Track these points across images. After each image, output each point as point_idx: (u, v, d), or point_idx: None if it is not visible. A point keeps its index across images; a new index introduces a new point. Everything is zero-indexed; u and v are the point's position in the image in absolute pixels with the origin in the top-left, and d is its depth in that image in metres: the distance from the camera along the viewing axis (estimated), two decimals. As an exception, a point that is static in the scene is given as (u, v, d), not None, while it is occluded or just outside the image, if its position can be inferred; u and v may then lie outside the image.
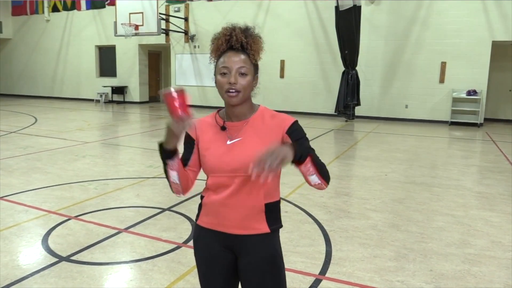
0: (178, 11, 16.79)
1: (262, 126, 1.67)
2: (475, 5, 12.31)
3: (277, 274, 1.71)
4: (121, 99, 18.62)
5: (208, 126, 1.73)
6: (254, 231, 1.68)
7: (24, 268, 3.22)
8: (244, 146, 1.64)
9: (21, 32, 21.24)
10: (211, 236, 1.73)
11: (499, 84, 13.69)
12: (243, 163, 1.59)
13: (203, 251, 1.78)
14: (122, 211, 4.56)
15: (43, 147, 7.98)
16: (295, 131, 1.65)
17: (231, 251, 1.73)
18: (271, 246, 1.70)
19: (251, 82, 1.64)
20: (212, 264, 1.75)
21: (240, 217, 1.66)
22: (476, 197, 5.36)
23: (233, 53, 1.62)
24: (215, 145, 1.67)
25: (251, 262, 1.69)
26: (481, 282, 3.14)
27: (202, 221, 1.76)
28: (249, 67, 1.62)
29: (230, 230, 1.69)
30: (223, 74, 1.63)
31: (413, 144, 9.35)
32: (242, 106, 1.67)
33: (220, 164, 1.65)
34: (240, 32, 1.63)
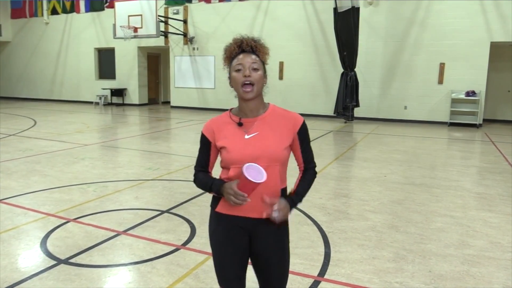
0: (177, 13, 16.81)
1: (275, 122, 1.90)
2: (474, 6, 12.33)
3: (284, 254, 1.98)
4: (120, 101, 18.62)
5: (223, 124, 1.93)
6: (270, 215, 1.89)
7: (22, 271, 3.21)
8: (262, 139, 1.86)
9: (20, 35, 21.26)
10: (230, 222, 1.92)
11: (497, 85, 13.70)
12: (262, 154, 1.83)
13: (221, 235, 1.95)
14: (121, 213, 4.55)
15: (42, 150, 7.98)
16: (303, 132, 1.94)
17: (246, 234, 1.93)
18: (282, 229, 1.96)
19: (262, 77, 1.87)
20: (228, 245, 1.94)
21: (259, 203, 1.84)
22: (475, 198, 5.36)
23: (245, 54, 1.86)
24: (234, 140, 1.87)
25: (263, 241, 1.93)
26: (480, 283, 3.14)
27: (222, 209, 1.93)
28: (260, 64, 1.87)
29: (249, 214, 1.89)
30: (238, 71, 1.84)
31: (412, 145, 9.35)
32: (255, 101, 1.88)
33: (241, 156, 1.83)
34: (249, 39, 1.89)
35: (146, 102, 18.95)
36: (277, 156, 1.85)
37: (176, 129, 11.72)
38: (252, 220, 1.89)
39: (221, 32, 15.97)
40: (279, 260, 1.97)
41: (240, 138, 1.86)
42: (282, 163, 1.88)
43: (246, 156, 1.81)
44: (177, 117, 14.56)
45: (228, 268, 1.96)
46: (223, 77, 11.56)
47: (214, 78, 16.49)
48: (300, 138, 1.92)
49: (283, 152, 1.87)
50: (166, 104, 19.28)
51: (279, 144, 1.86)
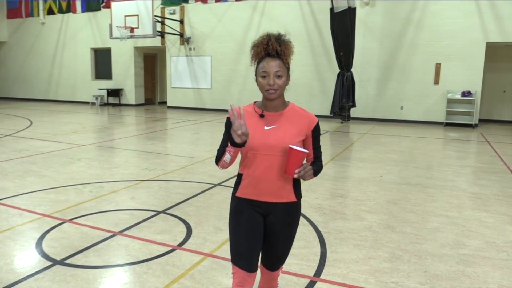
0: (173, 13, 16.79)
1: (293, 118, 2.11)
2: (469, 7, 12.38)
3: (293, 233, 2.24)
4: (116, 101, 18.59)
5: (247, 113, 2.12)
6: (285, 199, 2.14)
7: (18, 272, 3.20)
8: (279, 132, 2.07)
9: (16, 35, 21.18)
10: (248, 204, 2.15)
11: (493, 85, 13.77)
12: (277, 144, 2.05)
13: (237, 215, 2.17)
14: (116, 214, 4.54)
15: (38, 150, 7.95)
16: (317, 131, 2.16)
17: (261, 215, 2.16)
18: (294, 212, 2.20)
19: (286, 82, 2.08)
20: (242, 225, 2.14)
21: (275, 188, 2.11)
22: (470, 198, 5.38)
23: (270, 59, 2.02)
24: (254, 128, 2.07)
25: (277, 221, 2.16)
26: (476, 282, 3.15)
27: (241, 193, 2.17)
28: (283, 70, 2.04)
29: (265, 199, 2.12)
30: (263, 77, 2.03)
31: (408, 145, 9.38)
32: (277, 101, 2.10)
33: (259, 144, 2.06)
34: (275, 41, 2.01)
35: (143, 103, 18.92)
36: None
37: (173, 130, 11.70)
38: (268, 204, 2.13)
39: (218, 33, 15.96)
40: (286, 236, 2.21)
41: (261, 128, 2.08)
42: None
43: (264, 145, 2.06)
44: (174, 117, 14.54)
45: (241, 244, 2.13)
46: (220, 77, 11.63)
47: (210, 78, 16.48)
48: (313, 136, 2.14)
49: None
50: (162, 105, 19.26)
51: (294, 138, 2.06)
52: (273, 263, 2.32)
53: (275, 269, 2.34)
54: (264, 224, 2.18)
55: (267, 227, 2.19)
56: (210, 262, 3.39)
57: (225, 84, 16.12)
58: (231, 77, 15.95)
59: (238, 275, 2.12)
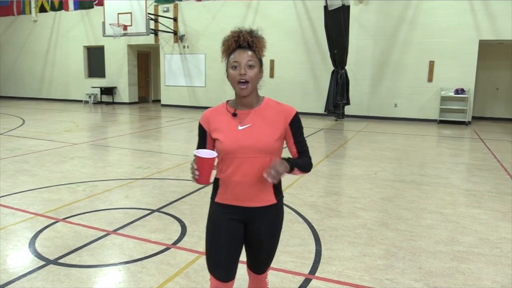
0: (167, 11, 16.71)
1: (268, 114, 1.97)
2: (463, 5, 12.44)
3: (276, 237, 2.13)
4: (110, 100, 18.49)
5: (219, 114, 2.01)
6: (265, 203, 2.02)
7: (10, 272, 3.17)
8: (255, 131, 1.93)
9: (8, 33, 20.98)
10: (227, 211, 2.02)
11: (486, 82, 13.85)
12: (254, 145, 1.91)
13: (216, 222, 2.05)
14: (110, 212, 4.52)
15: (30, 149, 7.89)
16: (295, 123, 1.99)
17: (241, 221, 2.03)
18: (275, 214, 2.08)
19: (258, 74, 1.94)
20: (220, 233, 2.02)
21: (253, 192, 1.97)
22: (464, 195, 5.41)
23: (241, 50, 1.92)
24: (228, 130, 1.95)
25: (259, 227, 2.04)
26: (470, 279, 3.17)
27: (220, 199, 2.04)
28: (256, 61, 1.92)
29: (244, 204, 1.99)
30: (234, 68, 1.91)
31: (402, 142, 9.41)
32: (250, 96, 1.96)
33: (234, 147, 1.92)
34: (246, 33, 1.93)
35: (136, 101, 18.83)
36: (268, 147, 1.93)
37: (167, 128, 11.66)
38: (247, 209, 2.00)
39: (212, 30, 15.91)
40: (269, 242, 2.09)
41: (234, 129, 1.94)
42: (273, 154, 1.96)
43: (238, 147, 1.91)
44: (168, 115, 14.48)
45: (219, 253, 2.02)
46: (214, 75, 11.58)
47: (204, 76, 16.44)
48: (292, 129, 1.99)
49: (275, 143, 1.95)
50: (156, 103, 19.19)
51: (271, 136, 1.93)
52: (259, 267, 2.20)
53: (262, 272, 2.22)
54: (246, 230, 2.06)
55: (249, 234, 2.07)
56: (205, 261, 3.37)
57: (219, 82, 16.06)
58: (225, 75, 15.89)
59: (215, 285, 2.05)
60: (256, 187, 1.96)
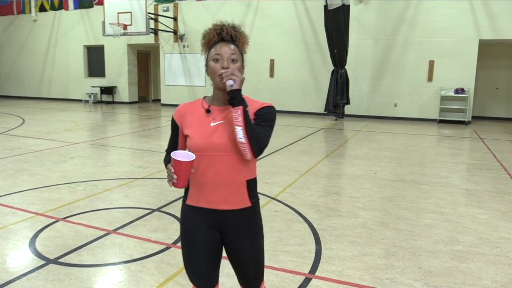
0: (167, 10, 16.71)
1: None
2: (463, 4, 12.44)
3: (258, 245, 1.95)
4: (110, 99, 18.49)
5: (193, 110, 1.90)
6: (238, 205, 1.86)
7: (11, 271, 3.17)
8: (226, 128, 1.79)
9: (7, 32, 20.97)
10: (198, 215, 1.89)
11: (486, 82, 13.85)
12: (226, 143, 1.78)
13: (190, 230, 1.92)
14: (110, 212, 4.52)
15: (30, 149, 7.88)
16: (264, 111, 1.83)
17: (216, 229, 1.90)
18: (252, 219, 1.91)
19: (240, 68, 1.83)
20: (197, 243, 1.90)
21: (225, 194, 1.83)
22: (464, 194, 5.41)
23: (224, 43, 1.81)
24: (200, 126, 1.84)
25: (235, 235, 1.88)
26: (469, 278, 3.17)
27: (190, 200, 1.92)
28: (239, 55, 1.82)
29: (216, 206, 1.85)
30: (216, 61, 1.80)
31: (402, 142, 9.41)
32: None
33: (204, 144, 1.80)
34: (229, 27, 1.84)
35: (136, 100, 18.83)
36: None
37: (167, 127, 11.66)
38: (220, 213, 1.85)
39: (212, 30, 15.89)
40: (252, 252, 1.92)
41: (206, 126, 1.83)
42: None
43: (208, 144, 1.79)
44: (168, 115, 14.48)
45: (198, 264, 1.92)
46: (214, 74, 11.25)
47: (204, 76, 16.43)
48: (257, 117, 1.82)
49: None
50: (156, 102, 19.18)
51: None
52: (250, 282, 1.99)
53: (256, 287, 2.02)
54: (223, 241, 1.93)
55: (228, 245, 1.92)
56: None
57: None
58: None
59: None
60: (228, 188, 1.83)
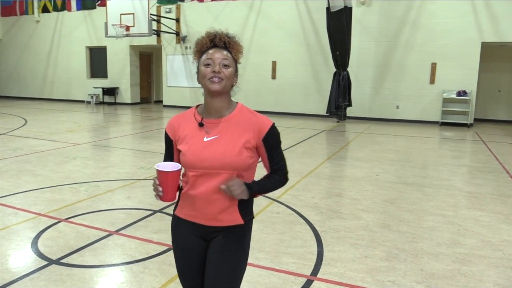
0: (169, 12, 16.74)
1: (239, 124, 1.74)
2: (465, 7, 12.43)
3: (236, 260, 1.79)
4: (112, 100, 18.51)
5: (186, 122, 1.81)
6: (228, 223, 1.78)
7: (13, 272, 3.18)
8: (221, 144, 1.71)
9: (10, 33, 21.04)
10: (188, 227, 1.83)
11: (488, 84, 13.84)
12: (219, 160, 1.69)
13: (180, 241, 1.87)
14: (113, 213, 4.53)
15: (33, 149, 7.90)
16: (271, 137, 1.75)
17: (204, 240, 1.83)
18: (240, 235, 1.80)
19: (233, 75, 1.74)
20: (188, 255, 1.85)
21: (216, 211, 1.75)
22: (466, 197, 5.40)
23: (216, 49, 1.73)
24: (192, 141, 1.75)
25: (217, 244, 1.78)
26: (471, 281, 3.17)
27: (180, 212, 1.86)
28: (231, 61, 1.74)
29: (205, 222, 1.79)
30: (207, 65, 1.71)
31: (404, 144, 9.41)
32: (221, 100, 1.74)
33: (197, 161, 1.72)
34: (223, 34, 1.77)
35: (138, 101, 18.86)
36: (234, 163, 1.70)
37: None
38: (208, 229, 1.79)
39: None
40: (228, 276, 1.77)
41: (199, 140, 1.73)
42: (241, 170, 1.73)
43: (201, 160, 1.70)
44: (170, 116, 14.49)
45: (193, 277, 1.87)
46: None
47: (206, 77, 16.44)
48: (266, 145, 1.75)
49: (243, 160, 1.71)
50: (158, 103, 19.21)
51: (239, 151, 1.70)
52: None
53: None
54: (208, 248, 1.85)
55: (208, 253, 1.82)
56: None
57: None
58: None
59: None
60: (219, 206, 1.74)
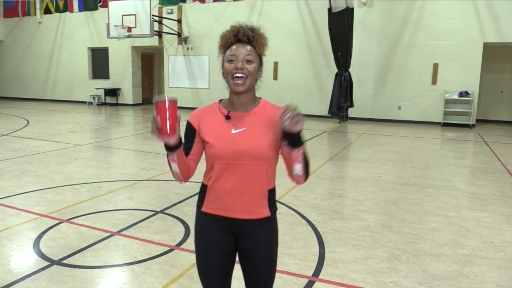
0: (171, 13, 16.76)
1: (264, 118, 1.79)
2: (467, 7, 12.41)
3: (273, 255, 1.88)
4: (114, 101, 18.53)
5: (211, 115, 1.84)
6: (257, 215, 1.81)
7: (15, 272, 3.18)
8: (249, 136, 1.75)
9: (13, 34, 21.09)
10: (215, 223, 1.84)
11: (490, 85, 13.80)
12: (249, 151, 1.74)
13: (205, 237, 1.86)
14: (114, 214, 4.53)
15: (35, 150, 7.92)
16: None
17: (232, 234, 1.85)
18: (270, 229, 1.86)
19: (257, 70, 1.77)
20: (212, 250, 1.85)
21: (245, 203, 1.79)
22: (468, 198, 5.39)
23: (240, 44, 1.76)
24: (220, 133, 1.78)
25: (251, 243, 1.83)
26: (473, 282, 3.16)
27: (207, 208, 1.85)
28: (255, 56, 1.76)
29: (234, 215, 1.80)
30: (230, 61, 1.75)
31: (406, 145, 9.39)
32: (246, 95, 1.79)
33: (226, 152, 1.75)
34: (247, 28, 1.77)
35: (140, 102, 18.87)
36: (264, 154, 1.75)
37: (170, 129, 11.66)
38: (238, 221, 1.81)
39: (216, 32, 15.90)
40: (266, 259, 1.86)
41: (226, 132, 1.77)
42: (269, 162, 1.79)
43: (231, 152, 1.74)
44: (171, 117, 14.49)
45: (213, 272, 1.88)
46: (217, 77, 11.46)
47: (208, 78, 16.46)
48: None
49: (271, 151, 1.76)
50: (160, 104, 19.19)
51: (268, 142, 1.75)
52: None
53: None
54: (238, 247, 1.87)
55: (241, 250, 1.87)
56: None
57: (222, 84, 15.41)
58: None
59: None
60: (248, 197, 1.78)
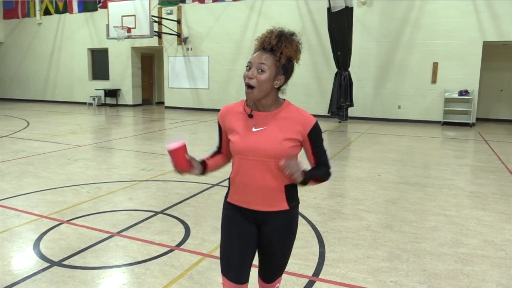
0: (170, 13, 16.76)
1: (285, 120, 1.91)
2: (466, 6, 12.40)
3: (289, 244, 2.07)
4: (114, 102, 18.54)
5: (236, 113, 1.98)
6: (276, 208, 1.96)
7: (15, 273, 3.18)
8: (267, 135, 1.88)
9: (12, 36, 21.11)
10: (238, 212, 2.01)
11: (490, 84, 13.80)
12: (265, 149, 1.87)
13: (230, 220, 2.03)
14: (114, 214, 4.53)
15: (35, 151, 7.92)
16: (315, 133, 1.95)
17: (254, 223, 2.01)
18: (288, 221, 2.02)
19: (269, 80, 1.83)
20: (233, 232, 2.01)
21: (264, 196, 1.94)
22: (468, 197, 5.38)
23: (261, 52, 1.85)
24: (241, 130, 1.92)
25: (271, 232, 2.00)
26: (474, 281, 3.16)
27: (231, 199, 2.04)
28: (270, 65, 1.83)
29: (254, 207, 1.97)
30: (248, 68, 1.87)
31: (406, 144, 9.39)
32: (265, 99, 1.90)
33: (245, 148, 1.90)
34: (274, 36, 1.83)
35: (140, 103, 18.88)
36: (278, 153, 1.87)
37: (170, 130, 11.68)
38: (259, 213, 1.97)
39: (215, 33, 15.94)
40: (281, 249, 2.04)
41: (248, 130, 1.91)
42: None
43: (248, 148, 1.89)
44: (171, 117, 14.52)
45: (231, 253, 2.00)
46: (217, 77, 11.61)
47: (208, 78, 16.46)
48: (311, 139, 1.95)
49: (287, 150, 1.88)
50: (160, 105, 19.23)
51: (284, 142, 1.87)
52: (269, 276, 2.15)
53: (271, 281, 2.16)
54: (258, 233, 2.04)
55: (261, 238, 2.04)
56: (208, 263, 3.38)
57: (222, 84, 16.09)
58: (229, 77, 15.93)
59: (228, 286, 1.99)
60: (265, 192, 1.93)
